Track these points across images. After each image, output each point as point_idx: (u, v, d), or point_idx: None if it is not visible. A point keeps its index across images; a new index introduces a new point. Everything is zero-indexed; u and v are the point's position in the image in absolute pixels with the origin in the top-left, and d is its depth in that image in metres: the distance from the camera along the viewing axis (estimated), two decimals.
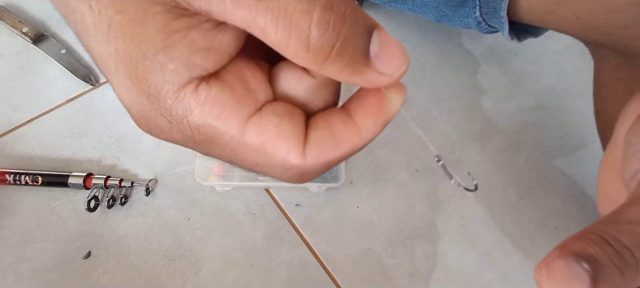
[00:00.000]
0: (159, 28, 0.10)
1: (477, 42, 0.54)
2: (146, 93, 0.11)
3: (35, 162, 0.43)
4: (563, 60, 0.53)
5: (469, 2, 0.37)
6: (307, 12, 0.10)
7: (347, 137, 0.13)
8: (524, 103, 0.50)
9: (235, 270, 0.39)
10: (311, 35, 0.10)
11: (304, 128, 0.12)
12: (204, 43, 0.11)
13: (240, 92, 0.12)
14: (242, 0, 0.10)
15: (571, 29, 0.32)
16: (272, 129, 0.12)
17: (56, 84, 0.47)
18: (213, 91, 0.11)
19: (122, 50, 0.11)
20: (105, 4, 0.10)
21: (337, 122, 0.13)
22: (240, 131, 0.12)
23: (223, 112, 0.12)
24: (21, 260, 0.38)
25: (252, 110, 0.12)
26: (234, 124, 0.12)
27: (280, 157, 0.12)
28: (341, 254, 0.40)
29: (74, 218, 0.40)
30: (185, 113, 0.11)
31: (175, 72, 0.11)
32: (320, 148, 0.12)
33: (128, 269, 0.38)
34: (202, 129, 0.12)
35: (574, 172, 0.45)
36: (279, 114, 0.12)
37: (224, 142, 0.12)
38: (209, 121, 0.11)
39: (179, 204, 0.41)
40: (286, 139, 0.12)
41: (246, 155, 0.12)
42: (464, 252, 0.41)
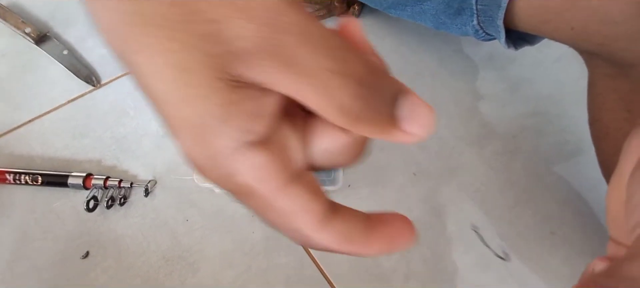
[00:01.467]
0: (221, 102, 0.12)
1: (476, 48, 0.54)
2: (206, 154, 0.13)
3: (36, 161, 0.43)
4: (560, 68, 0.53)
5: (467, 10, 0.38)
6: (344, 86, 0.12)
7: (357, 244, 0.14)
8: (521, 109, 0.50)
9: (233, 271, 0.39)
10: (345, 104, 0.12)
11: (328, 210, 0.14)
12: (254, 110, 0.13)
13: (281, 160, 0.14)
14: (289, 76, 0.12)
15: (566, 39, 0.33)
16: (301, 203, 0.14)
17: (58, 85, 0.48)
18: (259, 158, 0.13)
19: (188, 117, 0.12)
20: (175, 77, 0.12)
21: (358, 227, 0.15)
22: (274, 196, 0.13)
23: (264, 179, 0.13)
24: (20, 259, 0.38)
25: (289, 178, 0.14)
26: (271, 189, 0.13)
27: (299, 226, 0.14)
28: (338, 257, 0.40)
29: (73, 218, 0.40)
30: (233, 173, 0.13)
31: (230, 139, 0.13)
32: (334, 237, 0.14)
33: (126, 269, 0.38)
34: (243, 188, 0.13)
35: (570, 178, 0.46)
36: (310, 189, 0.14)
37: (258, 201, 0.14)
38: (251, 183, 0.13)
39: (178, 205, 0.42)
40: (311, 215, 0.14)
41: (271, 214, 0.14)
42: (460, 256, 0.41)
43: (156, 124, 0.46)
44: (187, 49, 0.12)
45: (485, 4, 0.36)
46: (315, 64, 0.12)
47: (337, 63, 0.12)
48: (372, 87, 0.13)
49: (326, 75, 0.12)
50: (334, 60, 0.12)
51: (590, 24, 0.30)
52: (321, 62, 0.12)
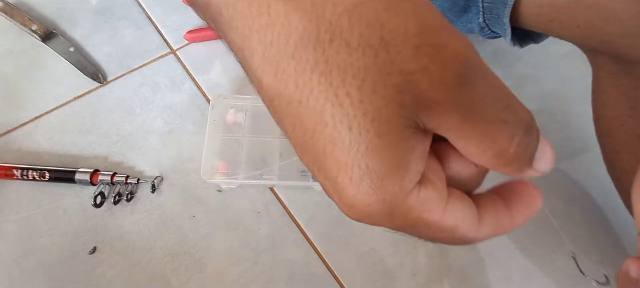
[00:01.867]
0: (404, 149, 0.13)
1: (481, 46, 0.54)
2: (383, 200, 0.13)
3: (43, 157, 0.43)
4: (566, 65, 0.53)
5: (473, 8, 0.38)
6: (512, 137, 0.13)
7: (506, 225, 0.15)
8: (526, 106, 0.50)
9: (239, 267, 0.39)
10: (509, 153, 0.13)
11: (476, 210, 0.15)
12: (423, 151, 0.13)
13: (440, 187, 0.14)
14: (466, 125, 0.13)
15: (571, 37, 0.33)
16: (462, 215, 0.15)
17: (64, 81, 0.48)
18: (428, 192, 0.14)
19: (372, 166, 0.13)
20: (367, 127, 0.12)
21: (501, 211, 0.16)
22: (440, 219, 0.14)
23: (433, 208, 0.14)
24: (27, 254, 0.38)
25: (447, 199, 0.15)
26: (438, 214, 0.14)
27: (462, 234, 0.15)
28: (344, 253, 0.40)
29: (80, 213, 0.40)
30: (406, 211, 0.14)
31: (408, 181, 0.13)
32: (489, 229, 0.15)
33: (133, 265, 0.38)
34: (413, 221, 0.14)
35: (576, 175, 0.46)
36: (463, 201, 0.15)
37: (426, 228, 0.14)
38: (422, 216, 0.14)
39: (184, 201, 0.42)
40: (470, 221, 0.15)
41: (438, 234, 0.15)
42: (466, 252, 0.41)
43: (162, 121, 0.46)
44: (383, 99, 0.12)
45: (492, 2, 0.36)
46: (494, 114, 0.13)
47: (511, 114, 0.13)
48: (532, 135, 0.14)
49: (499, 125, 0.13)
50: (509, 111, 0.13)
51: (596, 22, 0.30)
52: (499, 113, 0.13)
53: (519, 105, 0.13)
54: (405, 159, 0.13)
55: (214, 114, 0.44)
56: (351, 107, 0.12)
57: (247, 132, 0.44)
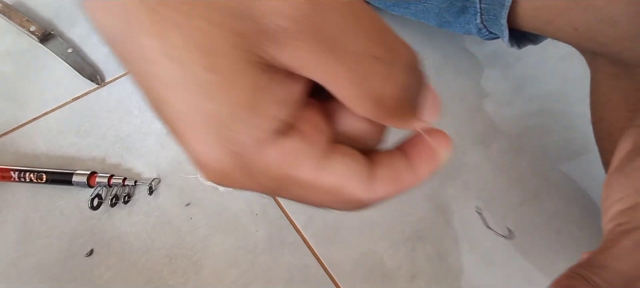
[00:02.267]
0: (248, 87, 0.11)
1: (481, 46, 0.54)
2: (231, 151, 0.11)
3: (40, 159, 0.43)
4: (566, 65, 0.53)
5: (470, 9, 0.38)
6: (386, 76, 0.11)
7: (407, 178, 0.14)
8: (526, 107, 0.50)
9: (236, 269, 0.39)
10: (385, 96, 0.11)
11: (369, 166, 0.13)
12: (283, 95, 0.11)
13: (314, 138, 0.12)
14: (326, 61, 0.11)
15: (569, 39, 0.33)
16: (345, 172, 0.13)
17: (62, 83, 0.48)
18: (293, 143, 0.12)
19: (208, 109, 0.11)
20: (191, 59, 0.10)
21: (399, 163, 0.14)
22: (315, 176, 0.12)
23: (301, 162, 0.12)
24: (24, 256, 0.38)
25: (325, 153, 0.12)
26: (311, 170, 0.12)
27: (350, 194, 0.13)
28: (342, 255, 0.40)
29: (77, 215, 0.40)
30: (266, 167, 0.12)
31: (260, 129, 0.11)
32: (385, 186, 0.13)
33: (130, 267, 0.38)
34: (280, 180, 0.12)
35: (576, 176, 0.45)
36: (347, 155, 0.13)
37: (299, 187, 0.12)
38: (289, 171, 0.12)
39: (182, 203, 0.42)
40: (357, 179, 0.13)
41: (318, 195, 0.13)
42: (465, 254, 0.40)
43: (160, 123, 0.46)
44: (214, 27, 0.10)
45: (489, 3, 0.36)
46: (360, 48, 0.11)
47: (384, 49, 0.11)
48: (416, 77, 0.12)
49: (370, 61, 0.11)
50: (380, 46, 0.11)
51: (593, 25, 0.30)
52: (368, 46, 0.11)
53: (395, 41, 0.11)
54: (252, 102, 0.11)
55: None
56: (181, 39, 0.10)
57: None
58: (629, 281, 0.17)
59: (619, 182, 0.19)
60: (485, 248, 0.41)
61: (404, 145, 0.15)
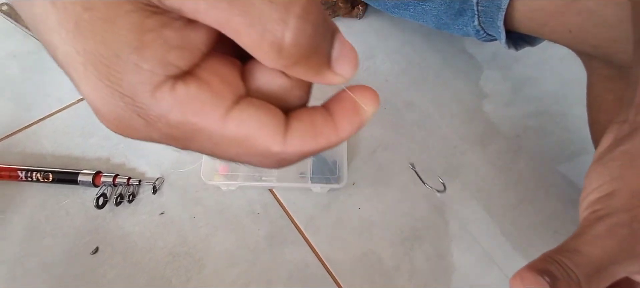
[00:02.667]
0: (132, 27, 0.10)
1: (480, 48, 0.55)
2: (120, 94, 0.11)
3: (47, 159, 0.44)
4: (564, 67, 0.53)
5: (468, 11, 0.38)
6: (282, 20, 0.11)
7: (326, 132, 0.13)
8: (525, 108, 0.50)
9: (238, 267, 0.40)
10: (284, 42, 0.11)
11: (283, 118, 0.13)
12: (177, 41, 0.11)
13: (217, 87, 0.12)
14: (217, 1, 0.10)
15: (564, 41, 0.34)
16: (253, 121, 0.12)
17: (67, 84, 0.48)
18: (191, 88, 0.11)
19: (92, 50, 0.10)
20: (81, 5, 0.10)
21: (318, 117, 0.13)
22: (221, 125, 0.12)
23: (202, 108, 0.12)
24: (31, 254, 0.39)
25: (231, 103, 0.12)
26: (214, 118, 0.12)
27: (262, 146, 0.12)
28: (342, 254, 0.41)
29: (83, 214, 0.41)
30: (163, 112, 0.11)
31: (150, 72, 0.11)
32: (302, 138, 0.13)
33: (134, 265, 0.39)
34: (181, 126, 0.12)
35: (574, 177, 0.46)
36: (257, 105, 0.13)
37: (205, 137, 0.12)
38: (189, 118, 0.11)
39: (185, 202, 0.42)
40: (268, 129, 0.12)
41: (228, 147, 0.12)
42: (463, 254, 0.41)
43: None
44: None
45: (486, 5, 0.36)
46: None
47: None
48: (315, 24, 0.11)
49: (263, 5, 0.10)
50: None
51: (587, 27, 0.31)
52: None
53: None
54: (139, 43, 0.10)
55: None
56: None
57: None
58: (600, 266, 0.17)
59: (596, 171, 0.19)
60: (483, 248, 0.41)
61: (327, 102, 0.14)
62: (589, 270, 0.17)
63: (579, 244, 0.18)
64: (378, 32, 0.54)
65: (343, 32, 0.13)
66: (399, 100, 0.50)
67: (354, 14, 0.54)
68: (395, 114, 0.49)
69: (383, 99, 0.49)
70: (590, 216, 0.19)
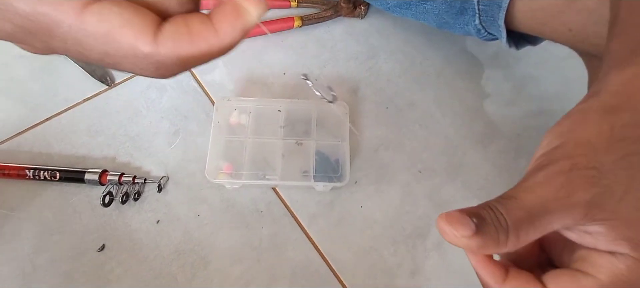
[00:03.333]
0: None
1: (482, 47, 0.55)
2: None
3: (54, 158, 0.45)
4: (566, 66, 0.54)
5: (469, 10, 0.38)
6: None
7: (204, 35, 0.13)
8: (526, 107, 0.51)
9: (242, 265, 0.40)
10: None
11: (155, 20, 0.12)
12: None
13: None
14: None
15: (564, 40, 0.34)
16: (116, 17, 0.12)
17: (74, 84, 0.49)
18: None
19: None
20: None
21: (195, 20, 0.13)
22: (78, 19, 0.11)
23: (62, 6, 0.11)
24: (39, 252, 0.40)
25: None
26: (69, 11, 0.11)
27: (128, 44, 0.12)
28: (345, 252, 0.41)
29: (89, 212, 0.42)
30: (18, 6, 0.11)
31: None
32: (175, 39, 0.12)
33: (140, 262, 0.40)
34: (33, 17, 0.11)
35: None
36: (121, 3, 0.12)
37: (63, 32, 0.11)
38: (39, 8, 0.11)
39: (189, 201, 0.43)
40: (132, 27, 0.12)
41: (93, 45, 0.12)
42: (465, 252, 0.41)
43: (167, 123, 0.47)
44: None
45: (487, 5, 0.37)
46: None
47: None
48: None
49: None
50: None
51: (587, 26, 0.31)
52: None
53: None
54: None
55: (218, 115, 0.45)
56: None
57: (250, 134, 0.45)
58: (532, 212, 0.17)
59: (549, 131, 0.19)
60: None
61: (210, 12, 0.13)
62: (520, 215, 0.17)
63: (515, 192, 0.17)
64: (380, 32, 0.55)
65: (345, 31, 0.13)
66: (400, 99, 0.50)
67: (356, 13, 0.55)
68: (397, 113, 0.49)
69: (385, 98, 0.50)
70: (532, 166, 0.18)
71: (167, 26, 0.12)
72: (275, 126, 0.46)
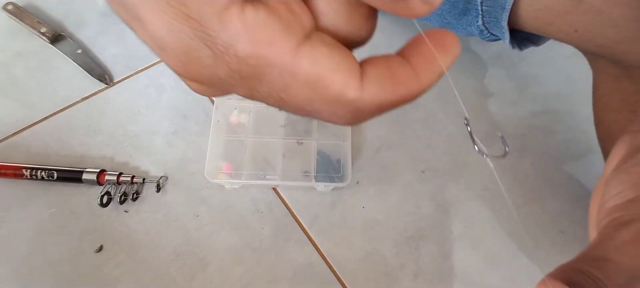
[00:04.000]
0: None
1: (485, 46, 0.54)
2: (186, 16, 0.10)
3: (51, 157, 0.44)
4: (570, 65, 0.53)
5: (472, 11, 0.38)
6: None
7: (406, 79, 0.12)
8: (530, 107, 0.50)
9: (242, 266, 0.39)
10: None
11: (357, 62, 0.12)
12: None
13: (287, 17, 0.11)
14: None
15: (570, 40, 0.33)
16: (327, 59, 0.11)
17: (72, 83, 0.49)
18: (260, 14, 0.10)
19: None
20: None
21: (396, 63, 0.12)
22: (292, 61, 0.11)
23: (273, 38, 0.11)
24: (36, 253, 0.39)
25: (302, 37, 0.11)
26: (286, 52, 0.11)
27: (336, 89, 0.11)
28: (346, 253, 0.41)
29: (87, 213, 0.41)
30: (232, 40, 0.10)
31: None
32: (380, 84, 0.12)
33: (138, 263, 0.39)
34: (251, 60, 0.11)
35: (580, 176, 0.45)
36: (329, 43, 0.11)
37: (275, 75, 0.11)
38: (259, 50, 0.11)
39: (189, 201, 0.42)
40: (343, 70, 0.11)
41: (299, 89, 0.11)
42: (468, 254, 0.41)
43: (167, 122, 0.47)
44: None
45: (490, 5, 0.36)
46: None
47: None
48: None
49: None
50: None
51: (593, 27, 0.30)
52: None
53: None
54: None
55: (218, 115, 0.45)
56: None
57: (250, 133, 0.44)
58: (633, 275, 0.16)
59: (617, 179, 0.18)
60: (489, 247, 0.41)
61: (401, 51, 0.13)
62: (622, 280, 0.16)
63: (606, 252, 0.16)
64: (382, 31, 0.54)
65: None
66: None
67: None
68: (400, 113, 0.48)
69: None
70: (612, 223, 0.17)
71: (370, 70, 0.12)
72: (276, 125, 0.45)
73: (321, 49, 0.11)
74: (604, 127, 0.36)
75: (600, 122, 0.37)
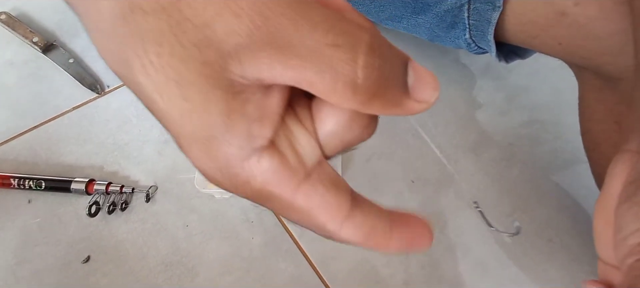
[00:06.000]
0: (221, 112, 0.12)
1: (474, 58, 0.55)
2: (217, 166, 0.13)
3: (40, 167, 0.44)
4: (557, 76, 0.54)
5: (459, 24, 0.39)
6: (352, 60, 0.12)
7: (379, 238, 0.14)
8: (518, 117, 0.51)
9: (231, 276, 0.39)
10: (358, 80, 0.12)
11: (349, 203, 0.14)
12: (258, 113, 0.13)
13: (293, 161, 0.13)
14: (290, 62, 0.12)
15: (554, 53, 0.34)
16: (319, 199, 0.14)
17: (63, 92, 0.49)
18: (271, 162, 0.13)
19: (191, 132, 0.12)
20: (172, 93, 0.12)
21: (380, 222, 0.14)
22: (291, 197, 0.14)
23: (280, 182, 0.13)
24: (23, 263, 0.39)
25: (303, 178, 0.14)
26: (287, 191, 0.13)
27: (320, 222, 0.14)
28: (336, 263, 0.40)
29: (75, 222, 0.41)
30: (248, 179, 0.13)
31: (239, 148, 0.13)
32: (354, 232, 0.14)
33: (126, 274, 0.39)
34: (261, 192, 0.14)
35: (567, 185, 0.46)
36: (326, 182, 0.14)
37: (277, 203, 0.14)
38: (268, 188, 0.13)
39: (178, 211, 0.42)
40: (331, 210, 0.14)
41: (293, 213, 0.14)
42: (458, 262, 0.41)
43: (157, 131, 0.47)
44: (183, 62, 0.12)
45: (477, 19, 0.37)
46: (316, 41, 0.11)
47: (340, 36, 0.12)
48: (384, 57, 0.12)
49: (331, 51, 0.11)
50: (335, 34, 0.11)
51: (576, 40, 0.31)
52: (323, 37, 0.11)
53: (350, 25, 0.12)
54: (227, 124, 0.12)
55: None
56: (156, 75, 0.12)
57: None
58: None
59: (631, 212, 0.18)
60: (478, 256, 0.41)
61: (394, 213, 0.15)
62: None
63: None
64: None
65: None
66: None
67: None
68: (390, 123, 0.49)
69: None
70: (638, 264, 0.17)
71: (357, 216, 0.14)
72: None
73: (317, 188, 0.14)
74: (589, 136, 0.37)
75: (586, 132, 0.37)
